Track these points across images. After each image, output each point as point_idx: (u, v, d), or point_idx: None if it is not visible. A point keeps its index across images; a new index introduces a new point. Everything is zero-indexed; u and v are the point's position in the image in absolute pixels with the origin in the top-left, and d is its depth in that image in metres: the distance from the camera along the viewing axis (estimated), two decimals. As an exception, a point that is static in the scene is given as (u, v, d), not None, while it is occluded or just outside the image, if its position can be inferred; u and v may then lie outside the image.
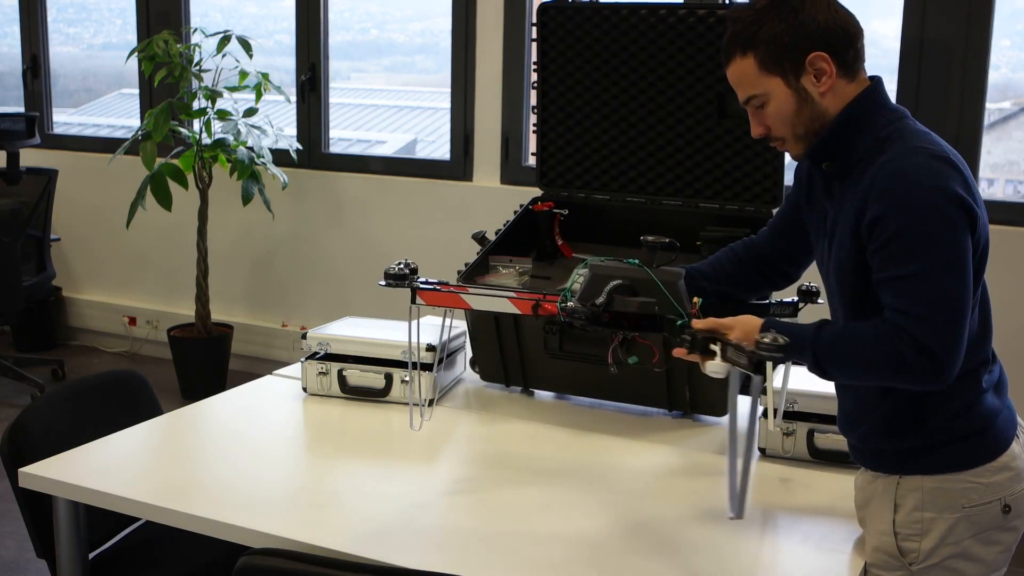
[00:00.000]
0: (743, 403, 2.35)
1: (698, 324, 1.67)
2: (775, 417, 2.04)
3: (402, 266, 1.84)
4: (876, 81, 1.68)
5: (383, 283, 1.84)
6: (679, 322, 1.69)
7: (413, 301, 1.85)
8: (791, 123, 1.66)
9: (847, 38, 1.63)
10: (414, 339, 1.99)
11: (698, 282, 1.95)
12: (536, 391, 2.50)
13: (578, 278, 1.79)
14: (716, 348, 1.57)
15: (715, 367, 1.56)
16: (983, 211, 1.58)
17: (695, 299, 1.76)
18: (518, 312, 1.82)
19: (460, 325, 2.53)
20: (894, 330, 1.53)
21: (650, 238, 1.78)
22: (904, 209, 1.53)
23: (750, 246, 1.98)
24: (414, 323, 1.96)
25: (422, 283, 1.85)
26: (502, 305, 1.82)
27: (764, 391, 2.09)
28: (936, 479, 1.63)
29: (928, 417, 1.64)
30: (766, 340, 1.47)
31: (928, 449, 1.64)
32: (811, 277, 1.92)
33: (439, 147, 6.33)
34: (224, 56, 4.48)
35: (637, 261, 1.77)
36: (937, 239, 1.52)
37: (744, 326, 1.64)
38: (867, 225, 1.57)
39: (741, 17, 1.65)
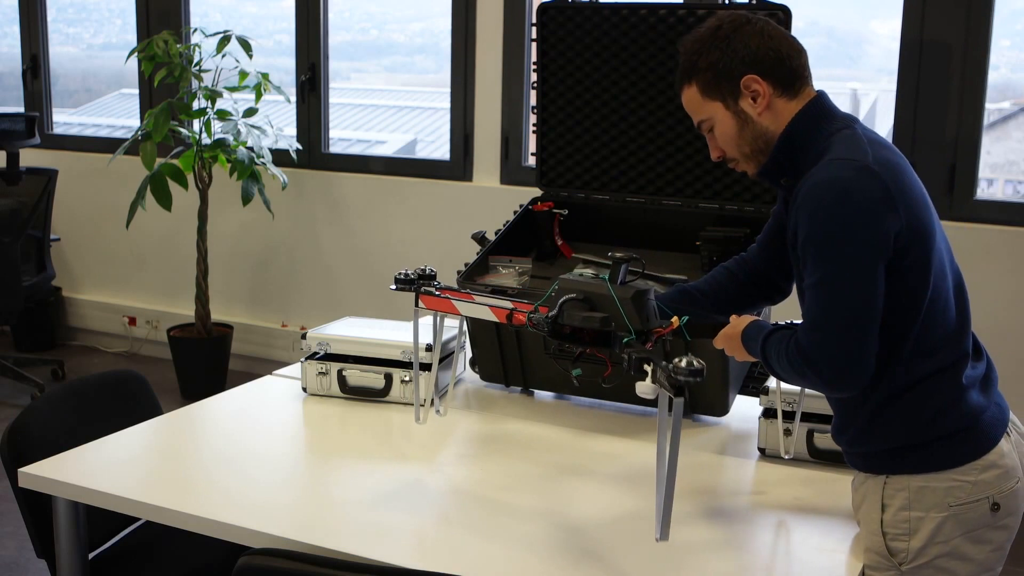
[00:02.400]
0: (744, 403, 2.36)
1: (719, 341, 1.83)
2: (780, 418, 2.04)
3: (411, 273, 1.97)
4: (818, 94, 1.75)
5: (393, 287, 1.98)
6: (625, 339, 1.67)
7: (416, 304, 1.97)
8: (736, 143, 1.76)
9: (778, 59, 1.71)
10: (419, 341, 2.06)
11: (696, 300, 1.97)
12: (536, 391, 2.50)
13: (554, 290, 1.79)
14: (648, 369, 1.56)
15: (643, 388, 1.55)
16: (917, 213, 1.61)
17: (674, 318, 1.75)
18: (496, 320, 1.88)
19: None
20: (794, 338, 1.63)
21: (618, 254, 1.79)
22: (810, 219, 1.61)
23: (742, 262, 2.00)
24: (419, 324, 2.05)
25: (426, 288, 1.97)
26: (483, 312, 1.90)
27: (767, 391, 2.10)
28: (922, 478, 1.64)
29: (908, 416, 1.65)
30: (682, 364, 1.46)
31: (913, 448, 1.65)
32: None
33: (439, 147, 6.33)
34: (224, 56, 4.48)
35: (606, 277, 1.77)
36: (835, 249, 1.58)
37: (728, 330, 1.83)
38: (792, 237, 1.67)
39: (686, 49, 1.77)
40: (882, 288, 1.58)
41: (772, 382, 2.09)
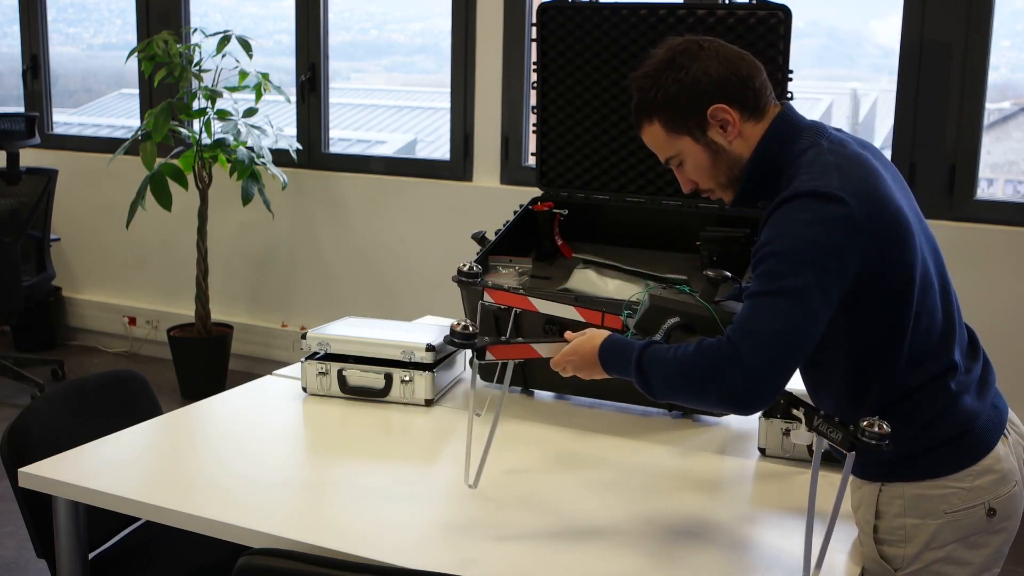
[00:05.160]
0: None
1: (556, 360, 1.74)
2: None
3: (466, 325, 1.73)
4: (782, 109, 1.67)
5: (448, 341, 1.75)
6: None
7: (481, 358, 1.77)
8: (711, 175, 1.69)
9: (741, 82, 1.63)
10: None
11: None
12: (536, 391, 2.51)
13: (644, 304, 1.76)
14: (800, 414, 1.51)
15: (800, 437, 1.51)
16: (890, 231, 1.54)
17: None
18: (583, 320, 1.88)
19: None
20: (720, 339, 1.53)
21: (711, 272, 1.75)
22: (776, 232, 1.53)
23: None
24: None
25: (490, 340, 1.77)
26: (567, 312, 1.89)
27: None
28: (917, 486, 1.62)
29: (902, 428, 1.59)
30: (874, 429, 1.43)
31: (907, 457, 1.63)
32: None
33: (439, 147, 6.33)
34: (224, 56, 4.48)
35: (689, 289, 1.75)
36: (790, 270, 1.50)
37: (583, 349, 1.71)
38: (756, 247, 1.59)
39: (640, 85, 1.67)
40: (825, 321, 1.52)
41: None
